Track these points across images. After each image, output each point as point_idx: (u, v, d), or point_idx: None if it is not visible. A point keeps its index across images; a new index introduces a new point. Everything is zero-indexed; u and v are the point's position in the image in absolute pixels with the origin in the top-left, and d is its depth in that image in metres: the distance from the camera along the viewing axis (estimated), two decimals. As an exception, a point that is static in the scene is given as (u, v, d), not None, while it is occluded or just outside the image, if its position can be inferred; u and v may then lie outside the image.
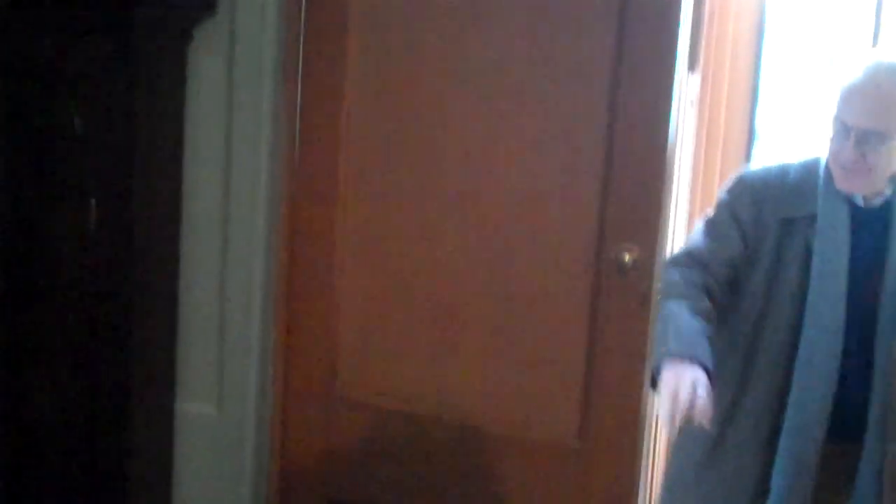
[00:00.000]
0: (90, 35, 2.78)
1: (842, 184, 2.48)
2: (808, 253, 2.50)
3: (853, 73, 2.48)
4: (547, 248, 3.02)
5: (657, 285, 2.75)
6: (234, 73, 3.05)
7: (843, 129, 2.45)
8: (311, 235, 3.23)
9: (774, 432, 2.49)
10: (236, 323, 3.21)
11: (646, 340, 2.90)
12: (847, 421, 2.47)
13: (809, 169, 2.53)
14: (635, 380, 2.92)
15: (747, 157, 3.79)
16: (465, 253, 3.11)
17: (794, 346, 2.49)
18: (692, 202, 3.69)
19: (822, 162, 2.49)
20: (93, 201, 2.88)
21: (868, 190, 2.50)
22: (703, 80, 3.64)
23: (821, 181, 2.53)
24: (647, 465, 3.08)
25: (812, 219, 2.53)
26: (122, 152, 2.86)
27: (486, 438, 3.12)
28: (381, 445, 3.25)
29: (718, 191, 2.63)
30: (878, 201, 2.52)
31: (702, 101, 3.67)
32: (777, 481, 2.52)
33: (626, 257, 2.89)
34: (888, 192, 2.49)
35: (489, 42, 3.03)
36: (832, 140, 2.44)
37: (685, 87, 3.18)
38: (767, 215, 2.56)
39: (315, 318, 3.27)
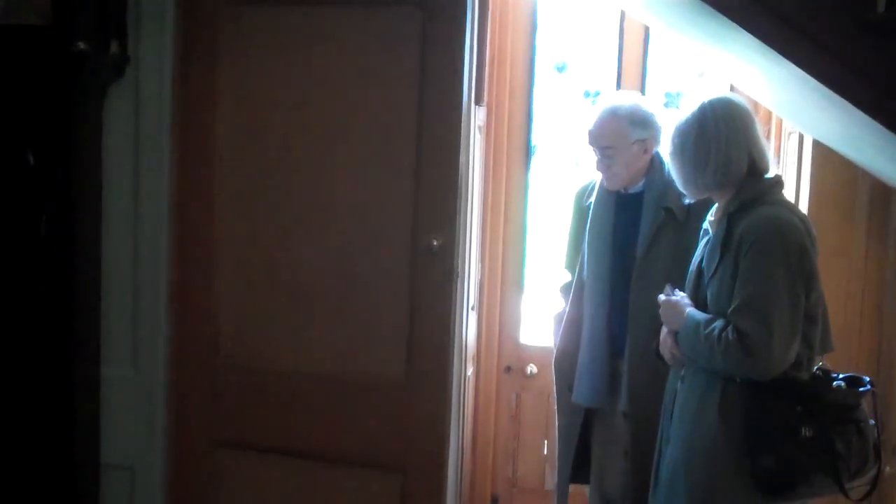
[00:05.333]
0: (43, 93, 3.22)
1: (605, 183, 3.50)
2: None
3: (591, 112, 3.48)
4: (378, 239, 3.46)
5: (457, 262, 3.39)
6: (138, 117, 3.48)
7: (592, 149, 3.45)
8: (196, 242, 3.61)
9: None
10: (147, 308, 3.58)
11: (450, 304, 3.41)
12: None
13: None
14: (444, 332, 3.41)
15: (526, 167, 4.59)
16: (317, 246, 3.51)
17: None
18: (484, 202, 4.39)
19: None
20: (43, 217, 3.27)
21: (618, 186, 3.47)
22: (489, 111, 4.38)
23: (599, 181, 3.50)
24: (456, 392, 3.57)
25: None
26: (64, 179, 3.27)
27: (337, 384, 3.52)
28: (253, 396, 3.62)
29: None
30: (635, 190, 3.47)
31: (488, 126, 4.39)
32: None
33: (434, 243, 3.36)
34: (641, 183, 3.44)
35: (329, 97, 3.48)
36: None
37: (474, 118, 3.66)
38: (583, 204, 3.57)
39: (201, 300, 3.63)
